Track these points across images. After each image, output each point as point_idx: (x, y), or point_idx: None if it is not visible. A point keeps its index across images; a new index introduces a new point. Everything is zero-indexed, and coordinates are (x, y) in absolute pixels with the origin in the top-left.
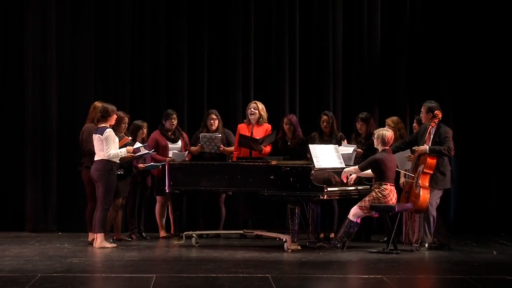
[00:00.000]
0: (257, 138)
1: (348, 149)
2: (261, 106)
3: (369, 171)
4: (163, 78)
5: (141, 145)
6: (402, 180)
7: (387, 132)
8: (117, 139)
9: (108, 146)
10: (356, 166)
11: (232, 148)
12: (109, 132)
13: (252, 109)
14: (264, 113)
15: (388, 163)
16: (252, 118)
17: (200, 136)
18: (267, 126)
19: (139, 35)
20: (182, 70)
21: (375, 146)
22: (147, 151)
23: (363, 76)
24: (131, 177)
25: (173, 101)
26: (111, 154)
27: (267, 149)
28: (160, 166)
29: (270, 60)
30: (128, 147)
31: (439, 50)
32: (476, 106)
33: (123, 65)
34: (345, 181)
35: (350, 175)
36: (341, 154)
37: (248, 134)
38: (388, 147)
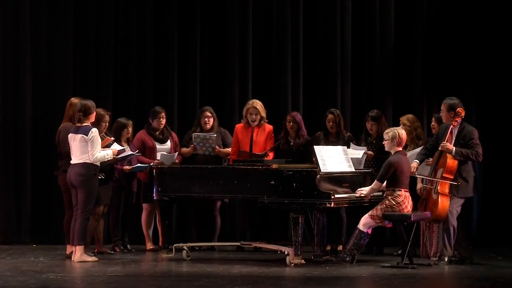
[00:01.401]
0: (259, 153)
1: (357, 152)
2: (260, 106)
3: None
4: (150, 71)
5: (124, 147)
6: (419, 185)
7: (401, 131)
8: (100, 139)
9: (94, 148)
10: (376, 181)
11: (228, 150)
12: (95, 132)
13: (253, 116)
14: (263, 113)
15: (403, 167)
16: (254, 123)
17: (193, 136)
18: (269, 128)
19: (123, 24)
20: (171, 62)
21: (386, 148)
22: (131, 152)
23: (375, 69)
24: (114, 182)
25: (161, 97)
26: (98, 157)
27: (269, 158)
28: (147, 169)
29: (270, 51)
30: (113, 149)
31: (460, 40)
32: (502, 103)
33: (105, 57)
34: (361, 195)
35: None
36: (350, 157)
37: (248, 137)
38: (401, 149)
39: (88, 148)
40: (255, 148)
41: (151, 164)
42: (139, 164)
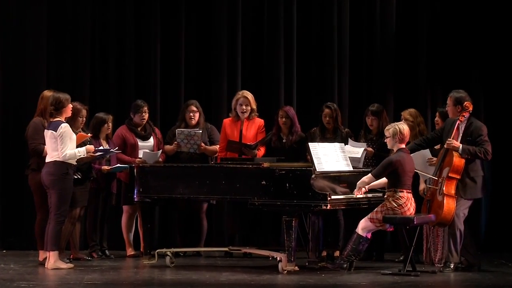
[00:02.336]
0: (250, 143)
1: (356, 149)
2: (251, 97)
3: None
4: (131, 62)
5: (104, 148)
6: (422, 186)
7: (403, 126)
8: (74, 136)
9: (63, 144)
10: (369, 174)
11: (215, 147)
12: (65, 127)
13: (243, 107)
14: (254, 106)
15: (405, 166)
16: (244, 115)
17: (177, 132)
18: (259, 122)
19: (101, 10)
20: (154, 51)
21: (388, 146)
22: (111, 150)
23: (375, 60)
24: (91, 183)
25: (143, 89)
26: (67, 155)
27: (261, 152)
28: (128, 169)
29: (261, 40)
30: (88, 146)
31: (468, 27)
32: None
33: (81, 45)
34: (358, 195)
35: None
36: (349, 156)
37: (237, 131)
38: (404, 146)
39: (58, 145)
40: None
41: (133, 164)
42: (119, 164)
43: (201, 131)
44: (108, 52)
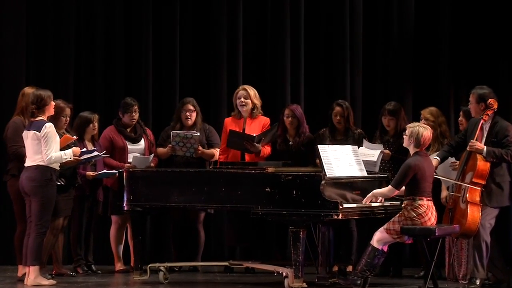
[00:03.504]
0: (253, 134)
1: (371, 151)
2: (252, 92)
3: None
4: (120, 54)
5: (89, 149)
6: (444, 193)
7: (425, 131)
8: (57, 137)
9: (48, 146)
10: (390, 186)
11: (214, 151)
12: (50, 127)
13: (242, 99)
14: (258, 102)
15: (425, 171)
16: (244, 110)
17: (171, 134)
18: (264, 120)
19: None
20: (145, 45)
21: (404, 144)
22: (97, 153)
23: (392, 53)
24: (75, 190)
25: (133, 86)
26: (53, 158)
27: (267, 149)
28: (116, 175)
29: (265, 31)
30: (74, 148)
31: (495, 16)
32: None
33: (65, 37)
34: (373, 204)
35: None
36: (363, 159)
37: (240, 129)
38: (423, 149)
39: (42, 147)
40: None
41: (121, 169)
42: (105, 170)
43: (198, 134)
44: (95, 44)
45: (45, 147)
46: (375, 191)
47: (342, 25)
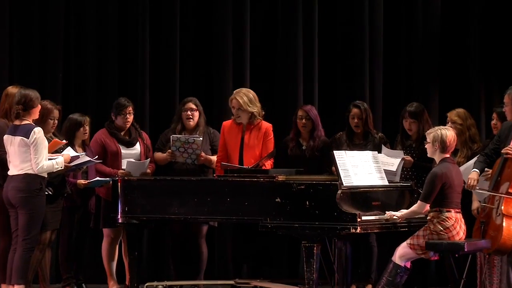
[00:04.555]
0: (248, 167)
1: (391, 160)
2: (246, 99)
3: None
4: (113, 51)
5: (79, 154)
6: (475, 204)
7: (448, 132)
8: (46, 142)
9: (38, 153)
10: (419, 202)
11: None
12: (39, 132)
13: (235, 110)
14: (255, 108)
15: (453, 180)
16: (238, 119)
17: (171, 139)
18: (265, 127)
19: None
20: (142, 39)
21: (429, 153)
22: (89, 159)
23: (415, 49)
24: (64, 200)
25: (128, 85)
26: (45, 167)
27: (267, 167)
28: (109, 183)
29: (275, 25)
30: (64, 155)
31: None
32: None
33: (52, 33)
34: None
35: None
36: (382, 167)
37: (238, 139)
38: (449, 155)
39: (31, 154)
40: (247, 154)
41: (115, 176)
42: (98, 178)
43: (201, 138)
44: (86, 38)
45: (34, 154)
46: (404, 213)
47: (360, 18)
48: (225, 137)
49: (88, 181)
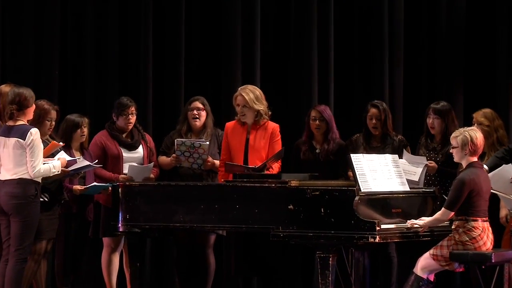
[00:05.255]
0: (255, 166)
1: (412, 168)
2: (252, 96)
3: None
4: (114, 46)
5: (75, 158)
6: (503, 212)
7: (477, 133)
8: (41, 145)
9: (35, 156)
10: (443, 209)
11: None
12: (36, 134)
13: (240, 108)
14: (261, 106)
15: (481, 187)
16: (243, 118)
17: (176, 143)
18: (272, 127)
19: None
20: (145, 34)
21: (455, 158)
22: (88, 163)
23: (439, 44)
24: (61, 207)
25: (130, 84)
26: (42, 171)
27: (273, 171)
28: (110, 189)
29: (287, 18)
30: (60, 158)
31: None
32: None
33: (47, 26)
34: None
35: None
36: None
37: (242, 140)
38: (476, 159)
39: (27, 157)
40: (252, 156)
41: (116, 182)
42: (95, 183)
43: (207, 143)
44: (84, 32)
45: (31, 157)
46: (426, 222)
47: (379, 11)
48: (228, 139)
49: (85, 187)
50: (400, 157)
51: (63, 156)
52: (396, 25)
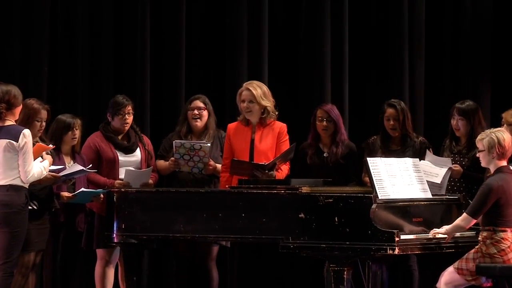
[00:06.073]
0: (264, 162)
1: (435, 169)
2: (259, 91)
3: None
4: (109, 41)
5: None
6: None
7: (504, 134)
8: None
9: (28, 161)
10: (465, 215)
11: None
12: (29, 135)
13: (246, 104)
14: (268, 103)
15: (510, 194)
16: (250, 117)
17: (174, 144)
18: (279, 126)
19: None
20: (141, 27)
21: (482, 163)
22: (81, 168)
23: (463, 38)
24: (50, 216)
25: (125, 81)
26: (35, 175)
27: (283, 173)
28: (101, 196)
29: (298, 9)
30: (46, 156)
31: None
32: None
33: (36, 17)
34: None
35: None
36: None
37: (247, 142)
38: (506, 163)
39: (19, 161)
40: (258, 158)
41: (109, 188)
42: (83, 189)
43: (209, 144)
44: (75, 24)
45: (24, 161)
46: (448, 230)
47: (398, 1)
48: (231, 141)
49: (73, 194)
50: (422, 159)
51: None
52: (417, 15)
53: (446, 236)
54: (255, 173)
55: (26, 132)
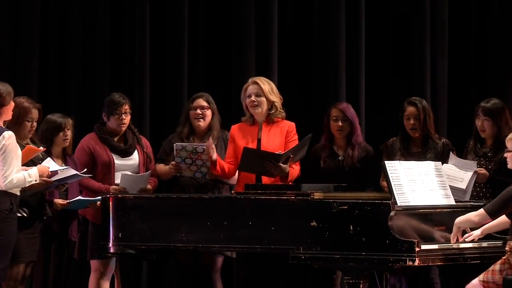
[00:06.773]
0: (279, 152)
1: (460, 173)
2: (268, 86)
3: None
4: (105, 35)
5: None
6: None
7: None
8: (19, 150)
9: (8, 164)
10: (481, 210)
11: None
12: (10, 138)
13: (253, 98)
14: (276, 99)
15: None
16: (257, 113)
17: (175, 147)
18: (288, 125)
19: None
20: (140, 20)
21: (509, 164)
22: (75, 172)
23: (490, 33)
24: (42, 225)
25: (123, 78)
26: (15, 181)
27: (295, 171)
28: (98, 203)
29: (311, 5)
30: (40, 167)
31: None
32: None
33: (26, 9)
34: (461, 244)
35: (467, 231)
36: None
37: (253, 142)
38: None
39: (0, 165)
40: None
41: (105, 194)
42: (80, 197)
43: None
44: (68, 17)
45: (3, 165)
46: (459, 220)
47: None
48: (235, 142)
49: (68, 201)
50: (445, 162)
51: (49, 164)
52: (440, 8)
53: (471, 245)
54: (267, 166)
55: (7, 134)
